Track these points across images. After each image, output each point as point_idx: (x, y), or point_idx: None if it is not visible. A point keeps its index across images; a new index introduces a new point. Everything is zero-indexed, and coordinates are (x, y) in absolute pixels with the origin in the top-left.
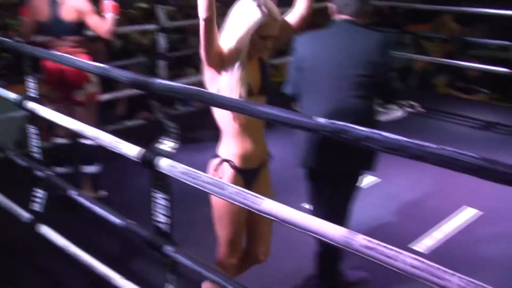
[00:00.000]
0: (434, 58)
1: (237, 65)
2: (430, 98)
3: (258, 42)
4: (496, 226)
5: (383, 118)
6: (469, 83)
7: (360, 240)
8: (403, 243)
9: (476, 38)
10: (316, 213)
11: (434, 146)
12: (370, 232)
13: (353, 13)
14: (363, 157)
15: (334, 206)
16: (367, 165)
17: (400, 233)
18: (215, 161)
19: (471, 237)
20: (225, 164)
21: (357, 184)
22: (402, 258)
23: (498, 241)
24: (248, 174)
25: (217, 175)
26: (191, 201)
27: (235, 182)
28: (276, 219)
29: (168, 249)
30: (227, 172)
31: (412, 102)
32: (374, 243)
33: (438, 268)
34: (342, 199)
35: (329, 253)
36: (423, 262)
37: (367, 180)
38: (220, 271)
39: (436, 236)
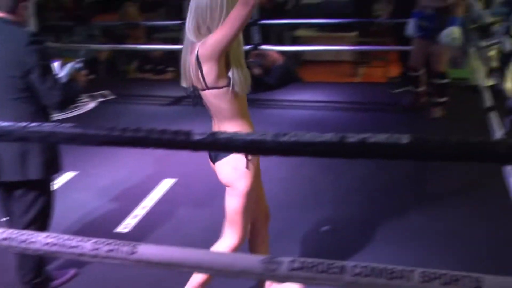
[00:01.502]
0: (118, 45)
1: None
2: (121, 84)
3: None
4: (190, 190)
5: (74, 113)
6: (156, 64)
7: None
8: (109, 229)
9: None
10: (12, 225)
11: (34, 124)
12: (75, 227)
13: (7, 10)
14: (41, 162)
15: (28, 215)
16: (50, 170)
17: (105, 221)
18: None
19: (169, 205)
20: None
21: (47, 188)
22: (38, 240)
23: (193, 203)
24: None
25: (249, 161)
26: None
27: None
28: None
29: None
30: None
31: (102, 91)
32: (9, 232)
33: (71, 238)
34: (34, 207)
35: (29, 262)
36: (57, 237)
37: (64, 177)
38: None
39: (139, 213)
